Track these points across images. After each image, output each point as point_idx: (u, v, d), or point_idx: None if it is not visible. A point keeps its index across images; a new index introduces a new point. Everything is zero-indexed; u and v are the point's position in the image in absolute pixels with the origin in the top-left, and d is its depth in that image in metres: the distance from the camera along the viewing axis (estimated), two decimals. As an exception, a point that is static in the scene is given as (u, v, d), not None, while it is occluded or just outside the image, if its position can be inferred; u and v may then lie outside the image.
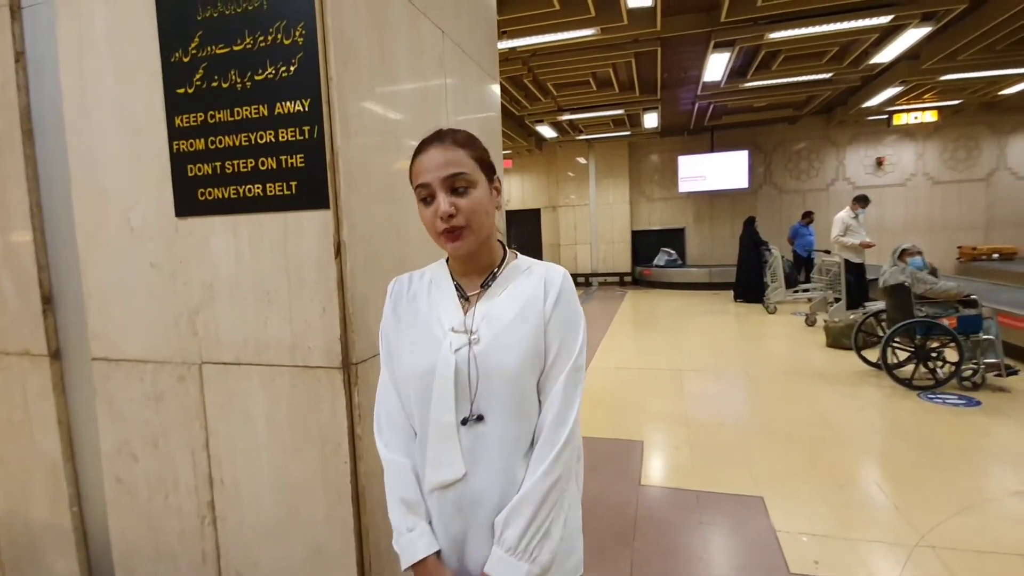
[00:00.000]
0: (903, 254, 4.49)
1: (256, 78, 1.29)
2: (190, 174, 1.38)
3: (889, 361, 4.46)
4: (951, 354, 4.36)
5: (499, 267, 0.98)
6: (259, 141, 1.31)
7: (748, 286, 8.91)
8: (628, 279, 12.30)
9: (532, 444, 0.92)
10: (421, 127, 1.71)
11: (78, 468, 1.71)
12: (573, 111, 9.06)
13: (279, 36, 1.26)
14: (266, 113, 1.29)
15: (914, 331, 4.31)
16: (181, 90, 1.36)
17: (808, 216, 9.06)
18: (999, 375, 4.13)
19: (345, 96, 1.29)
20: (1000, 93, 8.74)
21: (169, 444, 1.51)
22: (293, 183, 1.29)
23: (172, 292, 1.45)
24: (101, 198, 1.49)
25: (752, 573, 2.18)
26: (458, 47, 2.00)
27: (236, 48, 1.30)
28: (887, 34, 6.10)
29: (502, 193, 0.95)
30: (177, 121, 1.37)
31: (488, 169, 0.94)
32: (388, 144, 1.50)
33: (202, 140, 1.36)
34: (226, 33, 1.30)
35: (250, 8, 1.28)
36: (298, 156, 1.28)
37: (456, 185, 0.89)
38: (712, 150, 11.47)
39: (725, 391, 4.62)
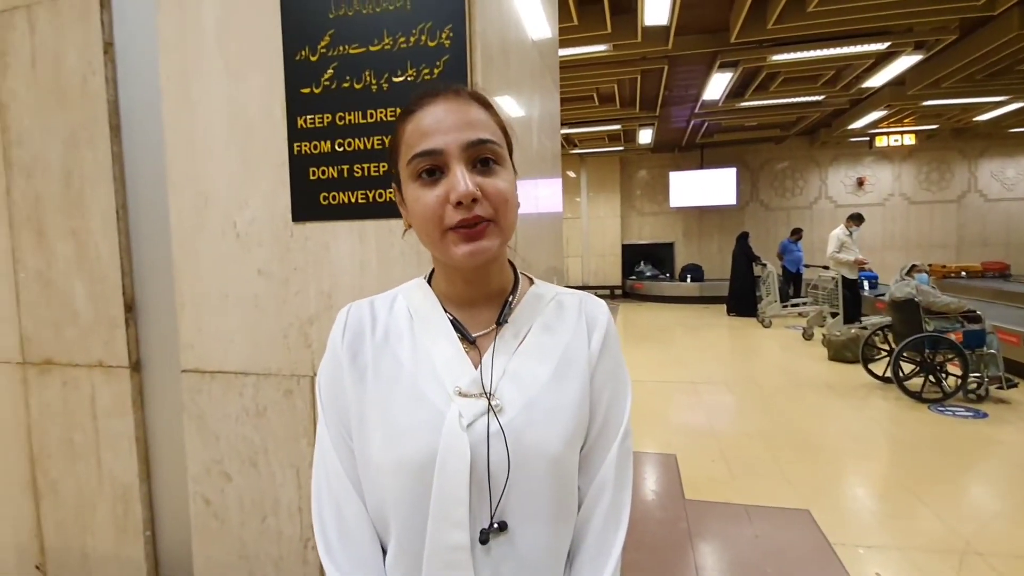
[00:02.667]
0: (912, 270, 4.65)
1: (394, 80, 1.24)
2: (312, 177, 1.31)
3: (899, 375, 4.58)
4: (953, 367, 4.52)
5: (513, 294, 0.67)
6: (395, 145, 1.25)
7: (741, 300, 9.09)
8: (619, 292, 12.41)
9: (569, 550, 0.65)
10: (528, 143, 1.68)
11: (153, 490, 1.59)
12: (571, 125, 9.15)
13: (423, 38, 1.22)
14: (404, 116, 1.24)
15: (922, 345, 4.45)
16: (307, 90, 1.30)
17: (797, 233, 9.31)
18: (1000, 387, 4.29)
19: (488, 101, 1.25)
20: (973, 120, 9.22)
21: (270, 462, 1.42)
22: (432, 189, 1.24)
23: (282, 301, 1.38)
24: (202, 201, 1.41)
25: (821, 588, 2.18)
26: (540, 57, 1.98)
27: (373, 48, 1.25)
28: (880, 60, 6.37)
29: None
30: (300, 122, 1.31)
31: (510, 146, 0.65)
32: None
33: (328, 142, 1.29)
34: (362, 33, 1.25)
35: (391, 8, 1.23)
36: (440, 161, 1.23)
37: (482, 156, 0.59)
38: (702, 167, 11.74)
39: (743, 403, 4.67)
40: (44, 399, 1.62)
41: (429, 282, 0.69)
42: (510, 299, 0.66)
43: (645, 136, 10.09)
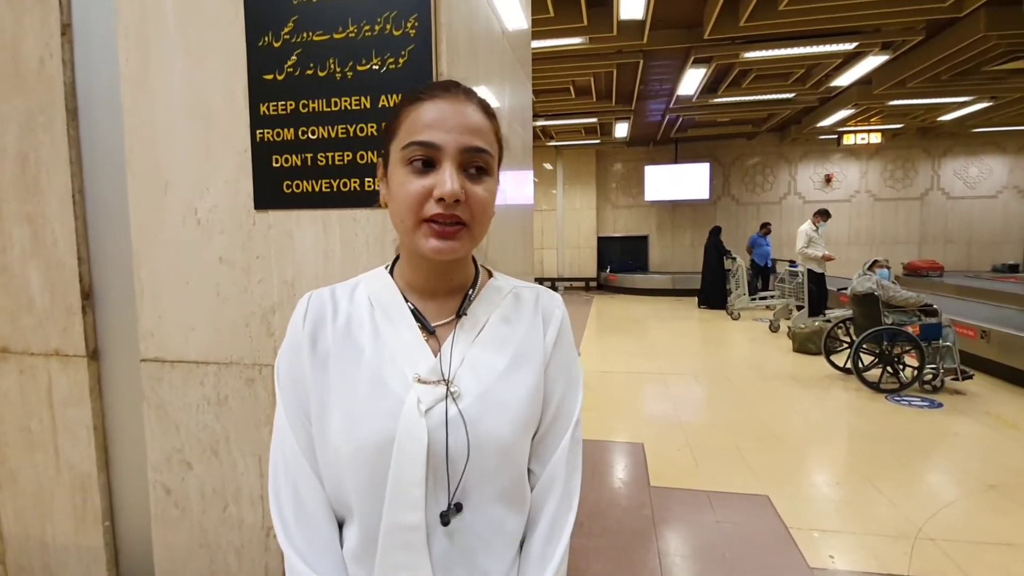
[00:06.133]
0: (873, 265, 4.82)
1: (359, 68, 1.24)
2: (275, 164, 1.30)
3: (858, 366, 4.76)
4: (910, 359, 4.71)
5: (473, 288, 0.70)
6: (359, 134, 1.25)
7: (712, 293, 9.28)
8: (593, 284, 12.53)
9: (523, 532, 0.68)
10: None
11: (111, 479, 1.57)
12: (548, 117, 9.16)
13: (388, 27, 1.22)
14: (368, 105, 1.24)
15: (881, 337, 4.62)
16: (269, 76, 1.28)
17: (766, 227, 9.54)
18: (956, 379, 4.49)
19: (452, 92, 1.26)
20: (938, 119, 9.54)
21: (231, 451, 1.42)
22: (396, 179, 1.25)
23: (244, 290, 1.37)
24: (162, 187, 1.39)
25: (776, 570, 2.27)
26: (511, 48, 1.99)
27: (337, 36, 1.24)
28: (848, 60, 6.54)
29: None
30: (262, 109, 1.30)
31: (500, 157, 0.68)
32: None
33: (291, 130, 1.29)
34: (326, 20, 1.24)
35: (355, -4, 1.23)
36: (404, 151, 1.23)
37: (475, 164, 0.62)
38: (676, 161, 11.90)
39: (709, 394, 4.79)
40: (0, 388, 1.58)
41: (392, 272, 0.71)
42: (470, 292, 0.69)
43: (621, 130, 10.18)
